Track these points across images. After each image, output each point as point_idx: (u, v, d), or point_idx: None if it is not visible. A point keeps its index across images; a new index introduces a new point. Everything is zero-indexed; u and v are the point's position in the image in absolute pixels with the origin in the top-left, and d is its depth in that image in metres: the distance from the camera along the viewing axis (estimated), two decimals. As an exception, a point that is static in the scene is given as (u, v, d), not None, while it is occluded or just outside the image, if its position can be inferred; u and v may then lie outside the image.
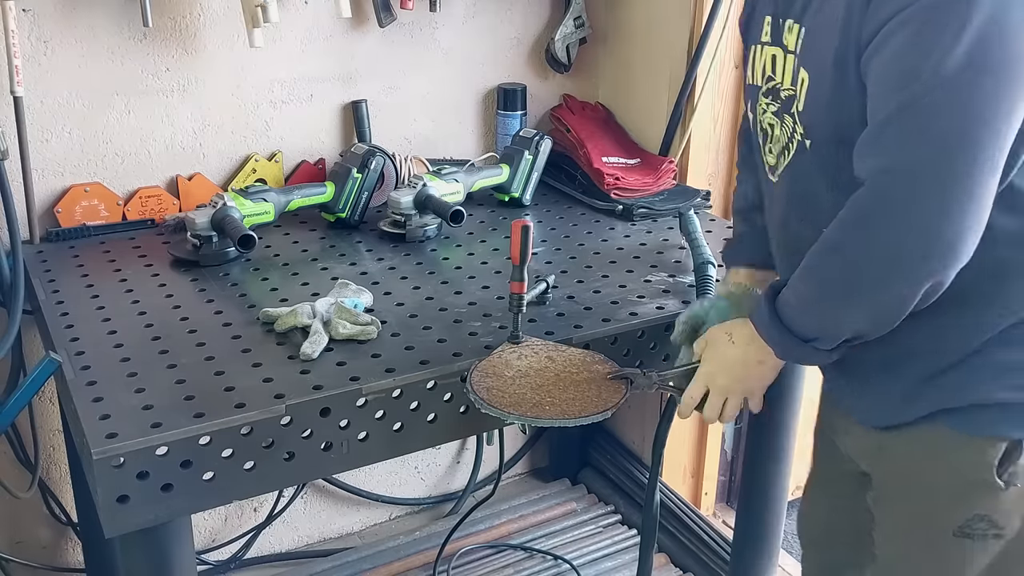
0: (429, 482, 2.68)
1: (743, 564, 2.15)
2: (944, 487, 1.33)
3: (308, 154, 2.21)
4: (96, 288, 1.73)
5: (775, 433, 2.01)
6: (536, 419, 1.35)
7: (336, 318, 1.53)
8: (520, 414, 1.35)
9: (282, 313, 1.56)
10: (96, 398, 1.35)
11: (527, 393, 1.39)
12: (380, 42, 2.20)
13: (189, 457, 1.28)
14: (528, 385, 1.41)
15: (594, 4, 2.40)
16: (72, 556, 2.25)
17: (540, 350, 1.49)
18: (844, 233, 1.20)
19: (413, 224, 1.97)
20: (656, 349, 1.66)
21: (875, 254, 1.17)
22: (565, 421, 1.35)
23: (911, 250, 1.14)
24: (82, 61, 1.92)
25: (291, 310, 1.55)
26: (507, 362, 1.46)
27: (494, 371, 1.44)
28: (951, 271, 1.15)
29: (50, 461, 2.15)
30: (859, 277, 1.20)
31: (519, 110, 2.36)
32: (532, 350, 1.49)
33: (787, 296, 1.30)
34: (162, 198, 2.05)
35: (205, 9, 1.99)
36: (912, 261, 1.15)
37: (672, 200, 2.17)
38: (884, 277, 1.18)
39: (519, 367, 1.45)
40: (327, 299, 1.59)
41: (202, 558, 2.37)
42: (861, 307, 1.23)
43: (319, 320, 1.53)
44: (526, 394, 1.39)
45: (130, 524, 1.27)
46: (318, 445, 1.38)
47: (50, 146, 1.94)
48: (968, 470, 1.29)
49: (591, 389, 1.41)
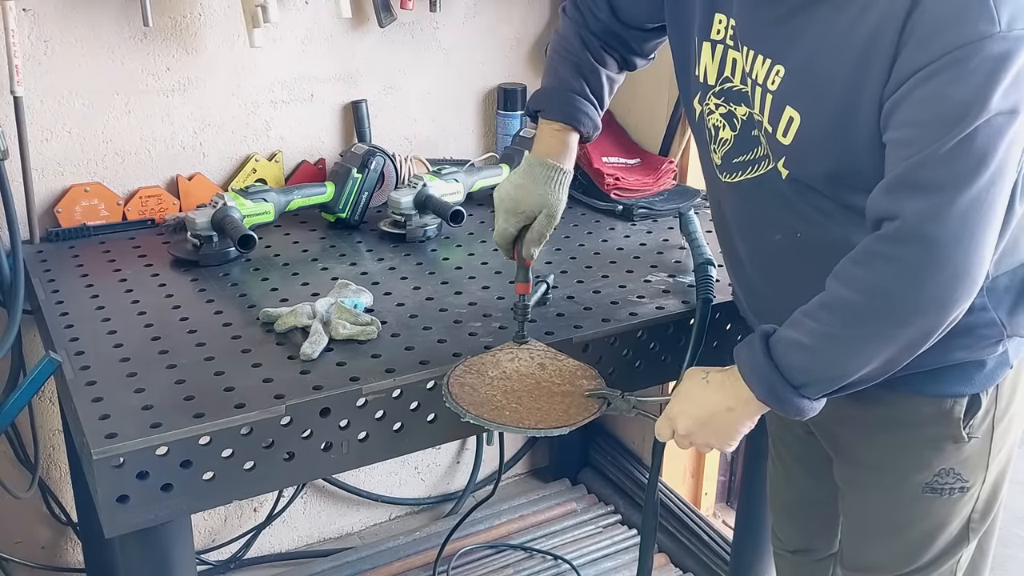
0: (429, 482, 2.68)
1: (743, 564, 2.16)
2: (912, 447, 1.39)
3: (308, 154, 2.21)
4: (96, 288, 1.73)
5: (775, 433, 2.01)
6: (488, 422, 1.35)
7: (336, 318, 1.53)
8: (476, 414, 1.35)
9: (282, 313, 1.56)
10: (96, 398, 1.35)
11: (496, 396, 1.39)
12: (380, 42, 2.20)
13: (189, 457, 1.28)
14: (502, 388, 1.41)
15: (594, 4, 2.40)
16: (72, 556, 2.25)
17: (537, 355, 1.48)
18: (875, 272, 1.16)
19: (413, 224, 1.97)
20: (656, 349, 1.66)
21: (910, 292, 1.14)
22: (514, 429, 1.35)
23: (947, 288, 1.13)
24: (82, 61, 1.92)
25: (291, 310, 1.55)
26: (497, 362, 1.46)
27: (479, 369, 1.44)
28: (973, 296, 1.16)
29: (50, 461, 2.15)
30: (890, 310, 1.16)
31: (519, 110, 2.35)
32: (529, 354, 1.48)
33: (788, 334, 1.23)
34: (162, 198, 2.05)
35: (205, 9, 1.99)
36: (947, 298, 1.14)
37: (672, 200, 2.17)
38: (913, 313, 1.15)
39: (505, 369, 1.45)
40: (327, 299, 1.59)
41: (202, 558, 2.37)
42: (888, 342, 1.17)
43: (319, 320, 1.53)
44: (495, 396, 1.39)
45: (130, 524, 1.27)
46: (318, 445, 1.38)
47: (50, 146, 1.94)
48: (934, 428, 1.36)
49: (562, 403, 1.40)
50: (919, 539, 1.44)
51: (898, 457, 1.41)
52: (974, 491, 1.41)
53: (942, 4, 1.09)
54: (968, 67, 1.07)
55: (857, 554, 1.52)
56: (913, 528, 1.44)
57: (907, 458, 1.40)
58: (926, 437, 1.38)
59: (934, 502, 1.41)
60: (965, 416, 1.35)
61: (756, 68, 1.29)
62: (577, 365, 1.48)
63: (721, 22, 1.35)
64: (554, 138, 1.51)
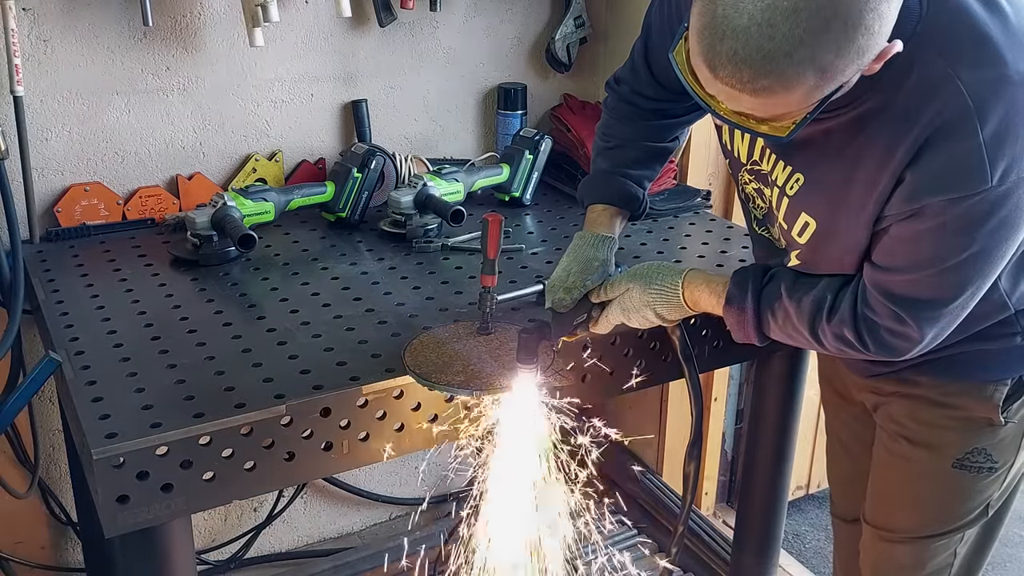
0: (429, 482, 2.68)
1: (743, 564, 2.15)
2: (950, 425, 1.48)
3: (308, 153, 2.21)
4: (96, 288, 1.73)
5: (775, 433, 2.01)
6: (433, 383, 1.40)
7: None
8: (419, 372, 1.40)
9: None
10: (96, 398, 1.35)
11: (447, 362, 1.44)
12: (380, 42, 2.20)
13: (189, 457, 1.28)
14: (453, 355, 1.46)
15: (594, 4, 2.40)
16: (72, 556, 2.25)
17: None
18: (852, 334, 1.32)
19: (413, 224, 1.97)
20: (656, 349, 1.66)
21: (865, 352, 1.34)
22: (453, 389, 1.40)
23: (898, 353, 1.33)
24: (82, 60, 1.92)
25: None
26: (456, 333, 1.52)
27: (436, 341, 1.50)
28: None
29: (50, 461, 2.15)
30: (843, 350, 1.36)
31: (519, 110, 2.36)
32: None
33: (768, 307, 1.39)
34: (162, 197, 2.05)
35: (205, 8, 1.99)
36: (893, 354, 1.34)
37: (672, 200, 2.17)
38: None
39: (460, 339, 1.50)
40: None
41: (202, 558, 2.37)
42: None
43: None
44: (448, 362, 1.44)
45: (130, 524, 1.27)
46: (318, 445, 1.38)
47: (50, 145, 1.94)
48: (974, 410, 1.45)
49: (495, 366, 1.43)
50: (938, 510, 1.53)
51: (937, 434, 1.49)
52: (1000, 473, 1.49)
53: (942, 155, 1.17)
54: (951, 214, 1.18)
55: (878, 514, 1.62)
56: (935, 499, 1.53)
57: (944, 435, 1.49)
58: (965, 417, 1.46)
59: (962, 478, 1.49)
60: (1005, 401, 1.43)
61: (777, 172, 1.39)
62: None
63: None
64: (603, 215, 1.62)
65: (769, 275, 1.41)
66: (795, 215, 1.38)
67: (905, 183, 1.20)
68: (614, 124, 1.64)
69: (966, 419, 1.46)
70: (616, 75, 1.65)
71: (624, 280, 1.48)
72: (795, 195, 1.37)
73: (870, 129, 1.23)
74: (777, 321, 1.39)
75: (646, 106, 1.61)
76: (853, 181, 1.26)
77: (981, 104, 1.15)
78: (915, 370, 1.47)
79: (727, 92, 1.11)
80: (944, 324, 1.28)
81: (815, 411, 2.52)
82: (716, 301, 1.43)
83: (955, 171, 1.17)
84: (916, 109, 1.18)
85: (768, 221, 1.48)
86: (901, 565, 1.59)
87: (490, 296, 1.51)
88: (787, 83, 1.07)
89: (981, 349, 1.41)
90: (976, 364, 1.43)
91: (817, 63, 1.05)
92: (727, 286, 1.42)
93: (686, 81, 1.17)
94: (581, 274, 1.49)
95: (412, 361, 1.43)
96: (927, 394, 1.48)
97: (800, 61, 1.05)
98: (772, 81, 1.06)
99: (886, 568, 1.62)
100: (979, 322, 1.36)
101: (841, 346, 1.35)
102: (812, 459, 2.75)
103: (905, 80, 1.18)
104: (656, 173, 1.65)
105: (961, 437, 1.47)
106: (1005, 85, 1.15)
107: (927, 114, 1.17)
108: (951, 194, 1.17)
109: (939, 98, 1.16)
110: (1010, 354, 1.42)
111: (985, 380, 1.43)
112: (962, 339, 1.38)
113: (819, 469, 2.76)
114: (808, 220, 1.36)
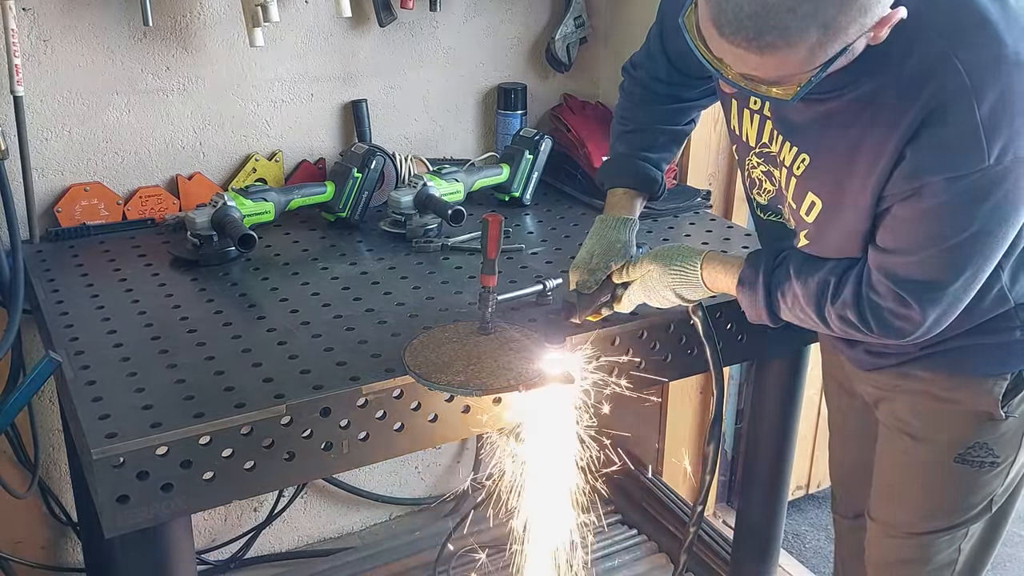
0: (429, 482, 2.68)
1: (743, 564, 2.15)
2: (952, 420, 1.49)
3: (308, 153, 2.21)
4: (96, 288, 1.73)
5: (775, 433, 2.01)
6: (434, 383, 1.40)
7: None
8: (419, 372, 1.41)
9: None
10: (96, 398, 1.35)
11: (452, 361, 1.44)
12: (380, 41, 2.20)
13: (189, 457, 1.28)
14: (456, 354, 1.46)
15: (594, 3, 2.40)
16: (72, 556, 2.25)
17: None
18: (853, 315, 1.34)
19: (413, 224, 1.97)
20: (657, 349, 1.66)
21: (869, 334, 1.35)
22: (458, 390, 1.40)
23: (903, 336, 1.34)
24: (82, 60, 1.92)
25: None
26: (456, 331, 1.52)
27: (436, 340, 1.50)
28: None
29: (50, 461, 2.15)
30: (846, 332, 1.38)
31: (519, 110, 2.36)
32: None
33: (778, 291, 1.42)
34: (162, 197, 2.05)
35: (205, 8, 1.99)
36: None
37: (672, 200, 2.17)
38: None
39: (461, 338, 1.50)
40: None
41: (202, 558, 2.37)
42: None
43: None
44: (451, 361, 1.44)
45: (130, 524, 1.27)
46: (318, 445, 1.38)
47: (50, 145, 1.94)
48: (975, 404, 1.46)
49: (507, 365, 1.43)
50: (941, 504, 1.54)
51: (938, 428, 1.51)
52: (1003, 468, 1.50)
53: (939, 134, 1.19)
54: (950, 193, 1.20)
55: (882, 509, 1.63)
56: (938, 494, 1.54)
57: (946, 429, 1.50)
58: (966, 411, 1.47)
59: (964, 473, 1.50)
60: (1005, 396, 1.44)
61: (784, 152, 1.42)
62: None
63: (756, 102, 1.45)
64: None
65: (780, 257, 1.44)
66: (802, 195, 1.41)
67: (905, 161, 1.23)
68: (631, 108, 1.70)
69: (967, 413, 1.47)
70: (632, 59, 1.71)
71: (646, 261, 1.52)
72: (802, 175, 1.40)
73: (872, 109, 1.25)
74: (787, 302, 1.41)
75: (662, 91, 1.66)
76: (856, 161, 1.29)
77: (978, 83, 1.17)
78: (915, 364, 1.49)
79: (733, 52, 1.14)
80: (946, 306, 1.29)
81: (815, 411, 2.52)
82: (732, 281, 1.46)
83: (952, 149, 1.19)
84: (916, 88, 1.20)
85: (777, 202, 1.50)
86: (905, 560, 1.59)
87: (490, 296, 1.51)
88: (791, 39, 1.10)
89: (981, 343, 1.43)
90: (976, 358, 1.44)
91: (820, 18, 1.08)
92: (743, 267, 1.45)
93: (695, 45, 1.20)
94: (604, 256, 1.56)
95: (412, 361, 1.43)
96: (928, 388, 1.50)
97: (804, 16, 1.08)
98: (776, 36, 1.09)
99: (891, 564, 1.63)
100: (979, 316, 1.38)
101: (846, 328, 1.36)
102: (812, 459, 2.75)
103: (906, 60, 1.21)
104: (674, 155, 1.72)
105: (962, 431, 1.48)
106: (1003, 65, 1.18)
107: (926, 93, 1.19)
108: (949, 172, 1.19)
109: (937, 77, 1.19)
110: (1010, 348, 1.43)
111: (985, 374, 1.44)
112: (962, 333, 1.40)
113: (819, 469, 2.76)
114: (815, 199, 1.39)
